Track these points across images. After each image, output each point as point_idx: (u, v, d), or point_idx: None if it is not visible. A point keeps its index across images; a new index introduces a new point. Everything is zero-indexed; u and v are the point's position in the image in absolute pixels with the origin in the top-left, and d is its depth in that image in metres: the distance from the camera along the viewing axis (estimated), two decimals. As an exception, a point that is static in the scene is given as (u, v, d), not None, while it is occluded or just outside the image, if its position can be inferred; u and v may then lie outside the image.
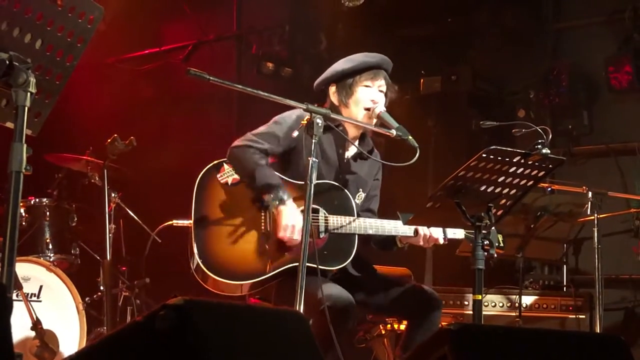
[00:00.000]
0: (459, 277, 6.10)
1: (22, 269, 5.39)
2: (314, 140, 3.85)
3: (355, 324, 4.20)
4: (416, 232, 4.27)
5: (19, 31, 2.87)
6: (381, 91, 4.40)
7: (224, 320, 2.23)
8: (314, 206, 4.17)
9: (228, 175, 4.24)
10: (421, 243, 4.30)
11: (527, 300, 5.96)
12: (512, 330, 3.69)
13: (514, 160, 3.59)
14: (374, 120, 4.31)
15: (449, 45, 7.76)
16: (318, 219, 4.24)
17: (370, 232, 4.28)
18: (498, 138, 5.43)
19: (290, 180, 4.30)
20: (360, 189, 4.41)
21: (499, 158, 3.55)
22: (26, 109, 2.78)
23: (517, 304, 5.77)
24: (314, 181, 3.78)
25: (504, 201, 3.79)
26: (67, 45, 3.05)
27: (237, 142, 4.28)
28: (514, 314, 5.84)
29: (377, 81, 4.41)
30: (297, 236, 4.06)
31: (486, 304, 5.83)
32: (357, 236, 4.27)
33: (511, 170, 3.63)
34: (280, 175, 4.26)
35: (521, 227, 5.42)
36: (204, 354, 2.05)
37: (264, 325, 2.44)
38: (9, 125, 2.87)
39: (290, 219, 4.10)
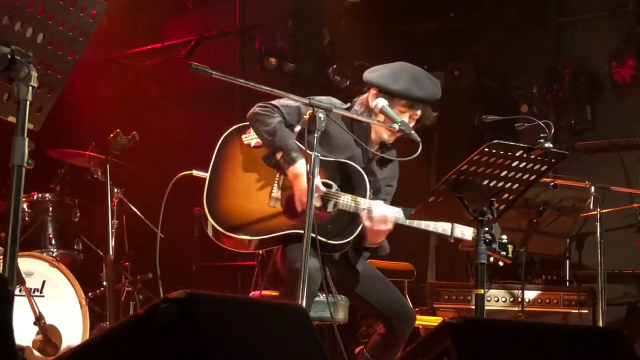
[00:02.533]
0: (461, 272, 6.10)
1: (25, 264, 5.40)
2: (316, 135, 3.86)
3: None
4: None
5: (21, 25, 2.87)
6: (413, 118, 4.38)
7: (226, 313, 2.23)
8: (327, 181, 4.28)
9: (252, 138, 4.34)
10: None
11: (530, 295, 5.96)
12: (514, 324, 3.68)
13: (517, 154, 3.58)
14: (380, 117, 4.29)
15: (452, 40, 7.76)
16: (329, 194, 4.28)
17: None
18: (501, 133, 5.42)
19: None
20: (372, 190, 4.43)
21: (502, 152, 3.55)
22: (28, 103, 2.78)
23: (519, 299, 5.77)
24: (316, 175, 3.82)
25: (506, 195, 3.78)
26: (69, 39, 3.04)
27: (260, 104, 4.33)
28: (516, 308, 5.84)
29: (413, 111, 4.41)
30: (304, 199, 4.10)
31: (489, 298, 5.82)
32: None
33: (514, 164, 3.62)
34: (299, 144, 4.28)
35: (524, 221, 5.40)
36: (205, 348, 2.04)
37: (266, 318, 2.44)
38: (11, 119, 2.86)
39: (300, 183, 4.16)
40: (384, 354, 4.34)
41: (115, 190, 6.14)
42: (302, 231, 3.96)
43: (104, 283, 6.04)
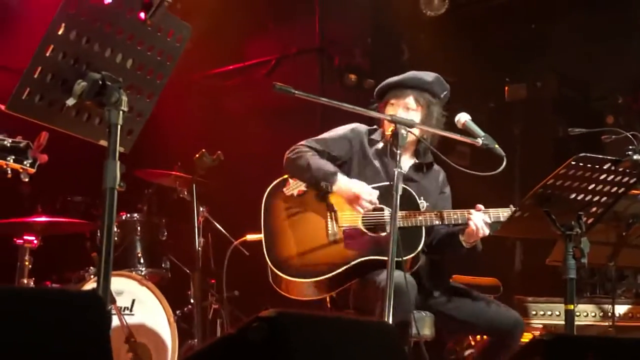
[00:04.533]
0: (548, 287, 6.00)
1: (115, 283, 5.45)
2: (398, 151, 3.90)
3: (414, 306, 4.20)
4: (467, 221, 4.27)
5: (111, 52, 2.94)
6: (410, 109, 4.38)
7: (315, 331, 2.24)
8: (379, 206, 4.34)
9: (293, 188, 4.45)
10: (475, 234, 4.28)
11: (620, 309, 5.82)
12: (606, 340, 3.61)
13: (604, 167, 3.53)
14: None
15: (533, 51, 7.67)
16: (384, 217, 4.31)
17: (436, 222, 4.31)
18: (586, 145, 5.33)
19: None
20: (422, 197, 4.43)
21: (589, 165, 3.50)
22: (119, 127, 2.84)
23: (609, 314, 5.65)
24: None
25: (594, 209, 3.72)
26: (157, 63, 3.10)
27: (290, 150, 4.49)
28: (606, 323, 5.70)
29: (402, 99, 4.43)
30: (365, 204, 4.25)
31: (578, 313, 5.70)
32: (424, 229, 4.31)
33: (601, 177, 3.57)
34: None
35: (612, 235, 5.29)
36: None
37: (353, 336, 2.44)
38: (102, 143, 2.93)
39: (349, 192, 4.27)
40: None
41: (201, 209, 6.22)
42: (372, 257, 4.06)
43: (192, 300, 6.13)
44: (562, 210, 3.65)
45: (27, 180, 3.46)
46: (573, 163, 3.47)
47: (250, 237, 5.86)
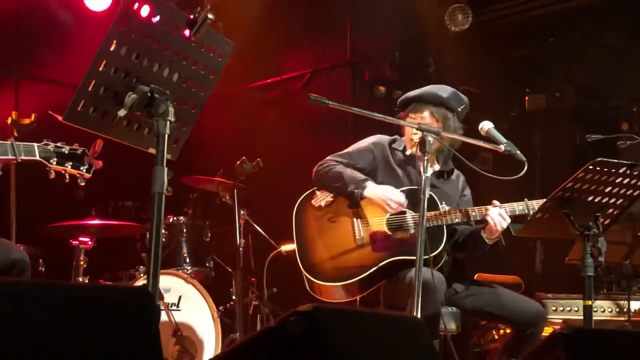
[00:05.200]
0: (566, 284, 5.95)
1: (163, 281, 5.49)
2: (426, 157, 3.89)
3: (442, 302, 4.17)
4: (485, 217, 4.25)
5: (159, 66, 2.95)
6: (426, 123, 4.34)
7: (350, 325, 2.23)
8: (402, 209, 4.34)
9: (321, 199, 4.50)
10: (495, 229, 4.24)
11: (635, 305, 5.76)
12: (622, 333, 3.57)
13: (620, 171, 3.50)
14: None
15: (552, 63, 7.61)
16: (407, 219, 4.32)
17: (456, 220, 4.30)
18: (602, 150, 5.28)
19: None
20: (444, 202, 4.41)
21: (605, 169, 3.48)
22: (166, 136, 2.86)
23: (625, 309, 5.59)
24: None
25: (611, 210, 3.69)
26: (201, 77, 3.11)
27: (318, 164, 4.53)
28: (622, 318, 5.65)
29: (420, 114, 4.43)
30: (394, 205, 4.27)
31: (595, 309, 5.65)
32: (445, 228, 4.30)
33: (617, 180, 3.54)
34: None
35: (628, 235, 5.24)
36: (330, 357, 2.05)
37: (385, 330, 2.43)
38: (151, 151, 2.95)
39: (379, 195, 4.28)
40: (519, 353, 4.27)
41: (242, 212, 6.23)
42: (398, 257, 4.05)
43: (234, 297, 6.14)
44: (580, 212, 3.62)
45: (83, 184, 3.49)
46: (590, 167, 3.45)
47: (284, 247, 5.96)
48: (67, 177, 3.47)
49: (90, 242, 5.65)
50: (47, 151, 3.40)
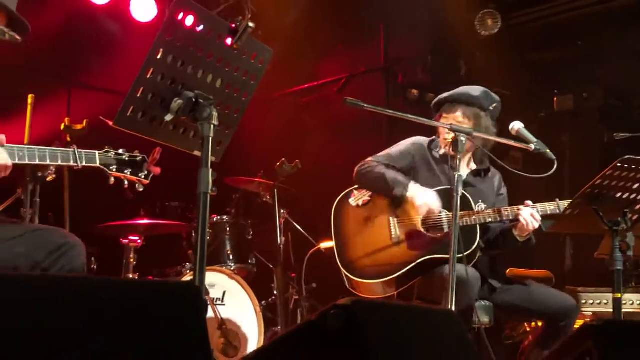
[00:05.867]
0: (596, 278, 5.88)
1: (209, 277, 5.49)
2: (458, 157, 3.87)
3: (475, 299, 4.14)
4: (517, 216, 4.22)
5: (202, 73, 2.97)
6: (459, 122, 4.33)
7: (387, 317, 2.23)
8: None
9: (358, 199, 4.48)
10: (527, 228, 4.21)
11: (664, 298, 5.69)
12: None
13: (647, 168, 3.46)
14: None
15: (580, 66, 7.53)
16: (441, 218, 4.30)
17: (489, 219, 4.27)
18: (629, 149, 5.22)
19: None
20: (480, 200, 4.39)
21: (633, 167, 3.45)
22: (210, 139, 2.87)
23: (654, 302, 5.51)
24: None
25: (639, 206, 3.65)
26: (242, 83, 3.13)
27: (359, 165, 4.51)
28: (651, 311, 5.58)
29: (452, 114, 4.41)
30: (435, 205, 4.27)
31: (624, 302, 5.57)
32: (478, 227, 4.27)
33: (645, 177, 3.50)
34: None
35: (656, 229, 5.16)
36: (369, 349, 2.05)
37: (422, 322, 2.42)
38: (196, 153, 2.97)
39: (420, 198, 4.27)
40: (551, 345, 4.23)
41: (282, 211, 6.25)
42: (433, 256, 4.02)
43: (275, 292, 6.16)
44: (609, 208, 3.59)
45: (141, 190, 3.52)
46: (619, 165, 3.42)
47: (323, 245, 5.97)
48: (126, 182, 3.50)
49: (139, 241, 5.71)
50: (107, 158, 3.43)
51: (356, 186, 4.53)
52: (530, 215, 4.15)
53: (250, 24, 2.92)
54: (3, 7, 3.35)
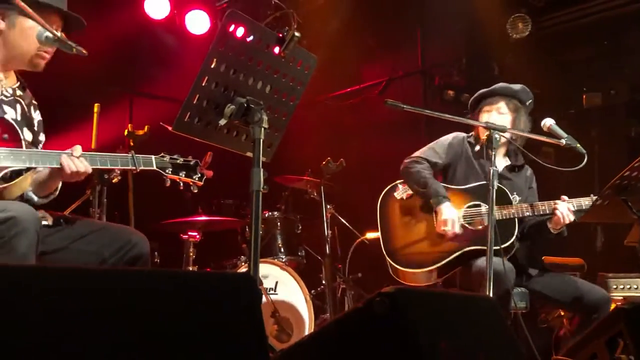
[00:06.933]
0: (627, 264, 5.78)
1: (262, 268, 5.54)
2: (493, 153, 3.83)
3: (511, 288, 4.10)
4: (554, 210, 4.17)
5: (253, 80, 2.99)
6: (502, 113, 4.31)
7: (430, 304, 2.22)
8: (476, 202, 4.32)
9: (402, 192, 4.48)
10: (562, 222, 4.15)
11: (693, 283, 5.55)
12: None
13: (675, 159, 3.39)
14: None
15: (607, 63, 7.40)
16: (481, 212, 4.26)
17: (527, 213, 4.24)
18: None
19: (451, 186, 4.44)
20: (515, 193, 4.35)
21: (660, 158, 3.38)
22: (261, 141, 2.89)
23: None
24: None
25: (667, 196, 3.59)
26: (290, 88, 3.14)
27: (407, 160, 4.48)
28: (680, 295, 5.45)
29: (495, 105, 4.37)
30: (456, 228, 4.22)
31: (654, 287, 5.47)
32: (517, 220, 4.24)
33: (672, 168, 3.43)
34: (444, 185, 4.40)
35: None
36: (412, 333, 2.04)
37: (462, 308, 2.41)
38: (249, 154, 2.99)
39: (447, 214, 4.23)
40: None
41: (328, 206, 6.26)
42: (473, 247, 4.01)
43: (323, 282, 6.16)
44: (637, 198, 3.54)
45: (195, 191, 3.55)
46: (646, 157, 3.36)
47: (369, 235, 5.97)
48: (182, 184, 3.54)
49: (197, 236, 5.76)
50: (163, 162, 3.46)
51: (401, 180, 4.52)
52: (566, 209, 4.11)
53: (297, 34, 2.93)
54: (55, 10, 3.35)
